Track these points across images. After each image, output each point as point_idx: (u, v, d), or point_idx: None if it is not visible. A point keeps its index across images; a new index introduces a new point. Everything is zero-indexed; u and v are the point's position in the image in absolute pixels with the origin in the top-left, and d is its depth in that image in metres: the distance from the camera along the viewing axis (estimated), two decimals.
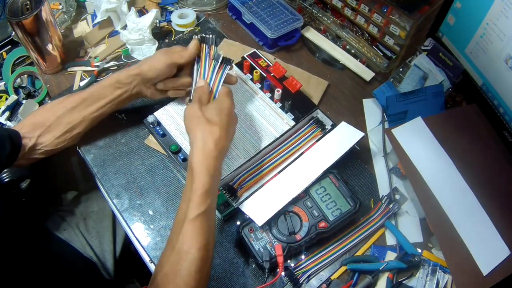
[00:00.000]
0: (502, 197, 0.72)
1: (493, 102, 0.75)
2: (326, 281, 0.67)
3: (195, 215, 0.57)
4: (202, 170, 0.59)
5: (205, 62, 0.73)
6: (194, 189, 0.58)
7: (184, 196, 0.60)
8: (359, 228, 0.71)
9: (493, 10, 0.67)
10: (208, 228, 0.58)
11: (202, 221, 0.57)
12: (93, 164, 0.79)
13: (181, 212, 0.59)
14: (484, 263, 0.66)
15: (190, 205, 0.57)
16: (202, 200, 0.58)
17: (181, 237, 0.56)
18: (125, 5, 0.96)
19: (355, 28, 0.90)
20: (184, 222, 0.57)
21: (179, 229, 0.57)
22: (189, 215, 0.57)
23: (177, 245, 0.56)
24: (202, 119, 0.63)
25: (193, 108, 0.65)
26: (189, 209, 0.57)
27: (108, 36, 0.98)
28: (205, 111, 0.65)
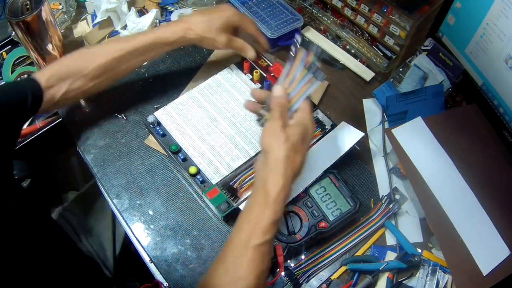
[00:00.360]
0: (502, 197, 0.72)
1: (493, 102, 0.75)
2: (326, 281, 0.67)
3: (260, 242, 0.53)
4: (278, 199, 0.55)
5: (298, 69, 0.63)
6: (266, 216, 0.54)
7: (249, 217, 0.56)
8: (359, 228, 0.71)
9: (493, 10, 0.67)
10: (269, 255, 0.55)
11: (265, 249, 0.54)
12: (93, 164, 0.79)
13: (242, 234, 0.55)
14: (484, 263, 0.66)
15: (256, 231, 0.54)
16: (270, 228, 0.54)
17: (240, 262, 0.53)
18: (125, 5, 0.96)
19: (355, 28, 0.90)
20: (246, 247, 0.53)
21: (238, 253, 0.54)
22: (253, 241, 0.53)
23: (234, 269, 0.53)
24: (287, 144, 0.56)
25: (275, 126, 0.58)
26: (254, 235, 0.54)
27: (108, 36, 0.98)
28: (290, 134, 0.57)
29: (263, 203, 0.55)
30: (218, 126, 0.80)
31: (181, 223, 0.72)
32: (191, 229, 0.72)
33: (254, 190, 0.58)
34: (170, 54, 0.93)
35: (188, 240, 0.71)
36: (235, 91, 0.84)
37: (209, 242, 0.70)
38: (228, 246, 0.56)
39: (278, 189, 0.55)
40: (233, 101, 0.83)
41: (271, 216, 0.54)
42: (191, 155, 0.76)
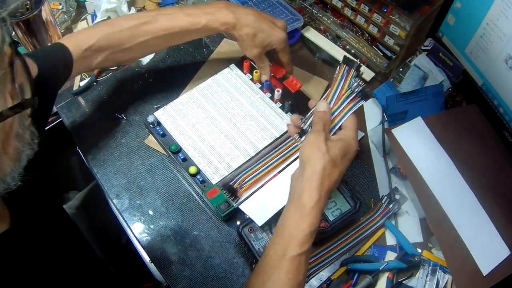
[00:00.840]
0: (502, 197, 0.72)
1: (493, 102, 0.75)
2: (326, 281, 0.67)
3: (296, 253, 0.54)
4: (314, 211, 0.55)
5: (338, 87, 0.63)
6: (302, 228, 0.54)
7: (284, 231, 0.56)
8: (359, 228, 0.71)
9: (493, 10, 0.67)
10: (305, 267, 0.55)
11: (302, 260, 0.54)
12: (93, 164, 0.79)
13: (278, 246, 0.55)
14: (484, 263, 0.66)
15: (292, 243, 0.54)
16: (307, 240, 0.54)
17: (276, 274, 0.53)
18: (125, 5, 0.96)
19: (355, 28, 0.90)
20: (282, 259, 0.54)
21: (275, 265, 0.54)
22: (290, 253, 0.54)
23: (270, 281, 0.54)
24: (326, 156, 0.56)
25: (318, 138, 0.58)
26: (291, 247, 0.54)
27: None
28: (331, 147, 0.58)
29: (298, 216, 0.55)
30: (218, 126, 0.80)
31: (181, 223, 0.72)
32: (191, 229, 0.72)
33: (289, 201, 0.58)
34: (170, 54, 0.93)
35: (188, 240, 0.71)
36: (235, 91, 0.84)
37: (209, 242, 0.70)
38: (264, 259, 0.56)
39: (314, 202, 0.55)
40: (233, 101, 0.83)
41: (306, 228, 0.54)
42: (191, 155, 0.76)
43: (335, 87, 0.64)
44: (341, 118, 0.62)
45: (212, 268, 0.68)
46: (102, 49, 0.72)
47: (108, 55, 0.73)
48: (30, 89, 0.37)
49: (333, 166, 0.57)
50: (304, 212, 0.55)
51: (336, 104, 0.63)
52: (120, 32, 0.72)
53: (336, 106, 0.63)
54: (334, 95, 0.64)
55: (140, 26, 0.73)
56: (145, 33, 0.73)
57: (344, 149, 0.58)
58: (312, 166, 0.56)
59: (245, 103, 0.82)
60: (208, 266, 0.68)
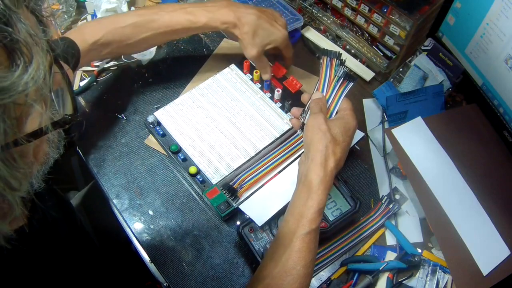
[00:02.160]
0: (502, 197, 0.72)
1: (493, 102, 0.75)
2: (326, 281, 0.67)
3: (306, 231, 0.55)
4: (320, 188, 0.57)
5: (325, 77, 0.68)
6: (309, 206, 0.56)
7: (294, 210, 0.58)
8: (359, 228, 0.71)
9: (493, 10, 0.67)
10: (315, 245, 0.57)
11: (311, 238, 0.56)
12: (93, 164, 0.79)
13: (288, 226, 0.57)
14: (484, 263, 0.66)
15: (302, 221, 0.56)
16: (315, 217, 0.56)
17: (288, 252, 0.55)
18: (125, 5, 0.96)
19: (355, 28, 0.90)
20: (293, 238, 0.55)
21: (286, 244, 0.55)
22: (300, 231, 0.55)
23: (282, 260, 0.55)
24: (327, 135, 0.59)
25: (318, 119, 0.61)
26: (300, 225, 0.56)
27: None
28: (331, 126, 0.60)
29: (306, 194, 0.57)
30: (218, 126, 0.80)
31: (181, 223, 0.72)
32: (191, 229, 0.72)
33: (298, 183, 0.60)
34: (170, 54, 0.93)
35: (188, 240, 0.71)
36: (235, 91, 0.84)
37: (209, 242, 0.70)
38: (277, 239, 0.58)
39: (320, 179, 0.57)
40: (233, 101, 0.83)
41: (314, 206, 0.56)
42: (191, 155, 0.76)
43: (322, 78, 0.68)
44: (336, 104, 0.66)
45: (212, 268, 0.68)
46: (108, 44, 0.74)
47: (112, 49, 0.76)
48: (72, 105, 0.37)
49: (335, 143, 0.59)
50: (312, 190, 0.57)
51: (328, 92, 0.67)
52: (124, 27, 0.74)
53: (328, 94, 0.67)
54: (324, 85, 0.68)
55: (143, 22, 0.75)
56: (147, 29, 0.75)
57: (343, 126, 0.61)
58: (315, 146, 0.59)
59: (245, 103, 0.82)
60: (208, 266, 0.68)
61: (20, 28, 0.29)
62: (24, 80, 0.28)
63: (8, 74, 0.28)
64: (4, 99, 0.27)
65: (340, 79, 0.67)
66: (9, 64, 0.28)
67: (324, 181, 0.57)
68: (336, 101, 0.66)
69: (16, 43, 0.28)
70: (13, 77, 0.28)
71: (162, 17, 0.75)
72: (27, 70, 0.29)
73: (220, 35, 0.97)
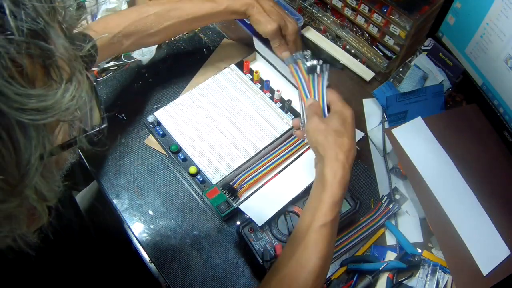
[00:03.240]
0: (502, 197, 0.72)
1: (493, 102, 0.75)
2: (326, 281, 0.67)
3: (321, 224, 0.56)
4: (334, 181, 0.57)
5: (301, 82, 0.67)
6: (323, 199, 0.57)
7: (310, 206, 0.59)
8: (359, 228, 0.71)
9: (493, 10, 0.67)
10: (332, 238, 0.57)
11: (327, 231, 0.56)
12: (93, 164, 0.79)
13: (305, 220, 0.58)
14: (484, 263, 0.66)
15: (317, 214, 0.56)
16: (330, 210, 0.56)
17: (304, 244, 0.55)
18: (125, 5, 0.96)
19: (355, 28, 0.90)
20: (309, 230, 0.56)
21: (302, 237, 0.56)
22: (315, 224, 0.56)
23: (298, 252, 0.55)
24: (329, 131, 0.60)
25: (313, 122, 0.62)
26: (315, 218, 0.56)
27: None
28: (328, 122, 0.61)
29: (320, 189, 0.58)
30: (218, 126, 0.80)
31: (181, 223, 0.72)
32: (191, 229, 0.72)
33: (313, 186, 0.61)
34: (170, 54, 0.93)
35: (188, 240, 0.71)
36: (235, 91, 0.84)
37: (209, 242, 0.70)
38: (294, 233, 0.59)
39: (333, 172, 0.57)
40: (233, 101, 0.83)
41: (329, 199, 0.57)
42: (191, 155, 0.76)
43: (299, 84, 0.67)
44: (322, 99, 0.65)
45: (212, 268, 0.68)
46: (130, 35, 0.74)
47: (134, 40, 0.76)
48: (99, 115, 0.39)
49: (338, 135, 0.60)
50: (326, 184, 0.57)
51: (311, 93, 0.66)
52: (146, 17, 0.75)
53: (311, 94, 0.66)
54: (305, 90, 0.66)
55: (166, 11, 0.76)
56: (170, 18, 0.76)
57: (340, 117, 0.62)
58: (321, 145, 0.60)
59: (245, 103, 0.82)
60: (208, 266, 0.68)
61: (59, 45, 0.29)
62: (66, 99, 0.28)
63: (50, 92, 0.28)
64: (47, 118, 0.27)
65: (314, 74, 0.66)
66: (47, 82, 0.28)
67: (338, 174, 0.57)
68: (322, 97, 0.65)
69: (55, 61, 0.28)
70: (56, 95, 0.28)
71: (184, 5, 0.77)
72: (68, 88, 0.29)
73: (220, 35, 0.97)
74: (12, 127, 0.26)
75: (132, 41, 0.75)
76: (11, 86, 0.25)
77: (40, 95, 0.27)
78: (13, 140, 0.26)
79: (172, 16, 0.76)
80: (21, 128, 0.26)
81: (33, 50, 0.27)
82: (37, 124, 0.27)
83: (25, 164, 0.27)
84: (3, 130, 0.26)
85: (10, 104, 0.25)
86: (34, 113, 0.26)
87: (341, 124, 0.61)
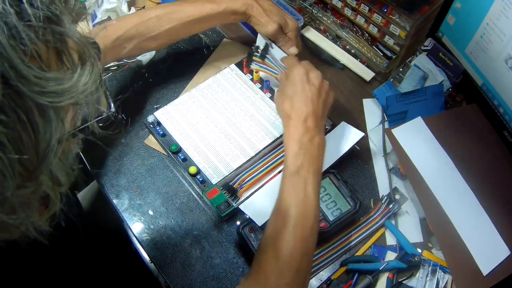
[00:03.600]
0: (502, 197, 0.72)
1: (493, 102, 0.75)
2: (326, 281, 0.67)
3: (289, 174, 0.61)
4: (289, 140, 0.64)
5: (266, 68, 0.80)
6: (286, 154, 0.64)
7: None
8: (359, 228, 0.71)
9: (493, 10, 0.67)
10: (305, 185, 0.60)
11: (298, 179, 0.61)
12: (93, 164, 0.79)
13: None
14: (484, 263, 0.66)
15: (285, 169, 0.63)
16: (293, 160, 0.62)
17: (279, 196, 0.61)
18: (125, 5, 0.96)
19: (355, 28, 0.90)
20: (282, 183, 0.62)
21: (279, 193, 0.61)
22: (284, 175, 0.62)
23: (277, 206, 0.60)
24: (281, 98, 0.68)
25: (275, 96, 0.72)
26: (285, 172, 0.63)
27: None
28: (281, 89, 0.70)
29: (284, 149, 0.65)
30: (218, 126, 0.80)
31: (181, 223, 0.72)
32: (191, 229, 0.72)
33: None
34: (170, 54, 0.93)
35: (188, 240, 0.71)
36: (235, 91, 0.84)
37: (209, 242, 0.70)
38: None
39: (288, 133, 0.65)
40: (233, 101, 0.83)
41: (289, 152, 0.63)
42: (191, 155, 0.76)
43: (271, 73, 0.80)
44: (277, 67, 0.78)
45: (212, 268, 0.68)
46: (131, 38, 0.75)
47: (136, 43, 0.76)
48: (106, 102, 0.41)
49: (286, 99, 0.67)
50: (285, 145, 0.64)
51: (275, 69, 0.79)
52: (148, 20, 0.76)
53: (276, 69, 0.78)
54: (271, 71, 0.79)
55: (167, 13, 0.77)
56: (171, 20, 0.77)
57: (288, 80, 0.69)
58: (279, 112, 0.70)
59: (245, 103, 0.82)
60: (208, 266, 0.68)
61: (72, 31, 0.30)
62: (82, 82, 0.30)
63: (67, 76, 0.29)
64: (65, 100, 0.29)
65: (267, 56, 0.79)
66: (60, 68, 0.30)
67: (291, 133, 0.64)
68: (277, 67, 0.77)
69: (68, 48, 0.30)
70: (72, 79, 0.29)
71: (185, 8, 0.78)
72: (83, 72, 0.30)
73: (220, 35, 0.97)
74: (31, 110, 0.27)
75: (134, 44, 0.75)
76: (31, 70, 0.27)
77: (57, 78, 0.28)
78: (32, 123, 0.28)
79: (173, 19, 0.76)
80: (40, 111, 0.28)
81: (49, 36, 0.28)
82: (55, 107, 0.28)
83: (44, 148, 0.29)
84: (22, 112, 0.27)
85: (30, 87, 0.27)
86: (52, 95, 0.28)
87: (290, 85, 0.68)
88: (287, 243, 0.56)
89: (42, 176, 0.30)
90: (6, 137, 0.27)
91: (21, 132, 0.27)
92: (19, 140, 0.27)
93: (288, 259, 0.55)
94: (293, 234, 0.56)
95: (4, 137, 0.27)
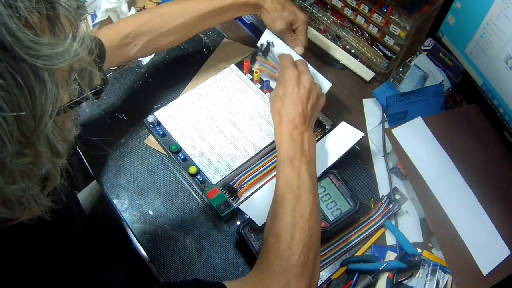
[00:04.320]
0: (502, 197, 0.72)
1: (493, 102, 0.75)
2: (326, 281, 0.67)
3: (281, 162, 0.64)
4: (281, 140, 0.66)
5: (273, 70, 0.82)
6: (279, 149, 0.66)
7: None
8: (359, 228, 0.71)
9: (493, 10, 0.67)
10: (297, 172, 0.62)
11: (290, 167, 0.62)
12: (93, 164, 0.79)
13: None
14: (484, 263, 0.66)
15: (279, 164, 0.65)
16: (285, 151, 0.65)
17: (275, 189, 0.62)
18: (125, 5, 0.96)
19: (355, 28, 0.90)
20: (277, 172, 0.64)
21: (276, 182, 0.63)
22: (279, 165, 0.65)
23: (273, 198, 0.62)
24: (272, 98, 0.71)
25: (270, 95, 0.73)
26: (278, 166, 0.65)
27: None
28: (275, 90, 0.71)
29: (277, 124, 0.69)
30: (218, 126, 0.80)
31: (181, 223, 0.72)
32: (191, 229, 0.72)
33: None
34: (170, 54, 0.93)
35: (188, 240, 0.71)
36: (235, 91, 0.84)
37: (209, 242, 0.70)
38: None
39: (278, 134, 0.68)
40: (233, 101, 0.83)
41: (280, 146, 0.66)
42: (191, 155, 0.76)
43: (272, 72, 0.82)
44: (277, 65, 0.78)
45: (212, 268, 0.68)
46: (142, 35, 0.74)
47: (147, 41, 0.75)
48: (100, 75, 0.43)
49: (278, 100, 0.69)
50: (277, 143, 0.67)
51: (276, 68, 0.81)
52: (159, 16, 0.76)
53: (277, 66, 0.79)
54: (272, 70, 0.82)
55: (177, 9, 0.77)
56: (182, 14, 0.77)
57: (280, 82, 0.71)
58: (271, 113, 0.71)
59: (245, 103, 0.82)
60: (208, 266, 0.68)
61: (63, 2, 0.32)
62: (74, 46, 0.32)
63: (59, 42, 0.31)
64: (59, 63, 0.30)
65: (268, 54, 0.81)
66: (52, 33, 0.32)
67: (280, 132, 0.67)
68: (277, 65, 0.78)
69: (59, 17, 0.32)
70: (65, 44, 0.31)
71: (196, 2, 0.78)
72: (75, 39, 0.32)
73: (220, 35, 0.97)
74: (27, 73, 0.28)
75: (144, 42, 0.75)
76: (27, 35, 0.28)
77: (51, 43, 0.30)
78: (29, 87, 0.29)
79: (184, 13, 0.77)
80: (36, 74, 0.29)
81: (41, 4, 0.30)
82: (50, 69, 0.30)
83: (40, 112, 0.30)
84: (19, 76, 0.28)
85: (26, 50, 0.28)
86: (46, 58, 0.29)
87: (282, 86, 0.69)
88: (286, 225, 0.56)
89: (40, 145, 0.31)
90: (4, 101, 0.28)
91: (18, 95, 0.28)
92: (16, 104, 0.28)
93: (289, 241, 0.55)
94: (291, 215, 0.57)
95: (3, 101, 0.27)
